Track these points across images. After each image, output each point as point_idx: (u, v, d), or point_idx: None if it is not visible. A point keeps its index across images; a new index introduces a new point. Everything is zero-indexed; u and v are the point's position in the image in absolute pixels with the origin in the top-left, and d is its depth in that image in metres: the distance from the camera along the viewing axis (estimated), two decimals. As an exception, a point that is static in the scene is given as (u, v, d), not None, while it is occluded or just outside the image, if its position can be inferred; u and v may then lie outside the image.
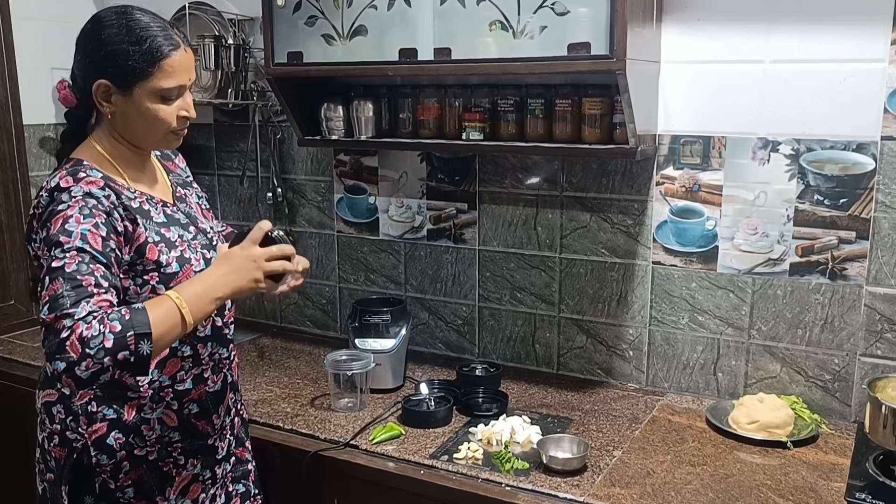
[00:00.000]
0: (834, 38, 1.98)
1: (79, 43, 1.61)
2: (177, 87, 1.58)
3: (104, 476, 1.62)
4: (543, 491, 1.75)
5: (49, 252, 1.42)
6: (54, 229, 1.44)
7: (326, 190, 2.80)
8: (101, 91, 1.56)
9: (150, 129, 1.60)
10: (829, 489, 1.74)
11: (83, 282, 1.39)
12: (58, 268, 1.39)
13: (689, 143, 2.19)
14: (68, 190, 1.48)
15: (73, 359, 1.32)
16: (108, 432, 1.61)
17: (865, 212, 2.01)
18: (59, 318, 1.35)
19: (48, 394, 1.67)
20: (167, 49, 1.55)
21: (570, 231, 2.39)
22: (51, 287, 1.38)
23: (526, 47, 1.99)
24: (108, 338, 1.34)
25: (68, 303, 1.36)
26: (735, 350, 2.22)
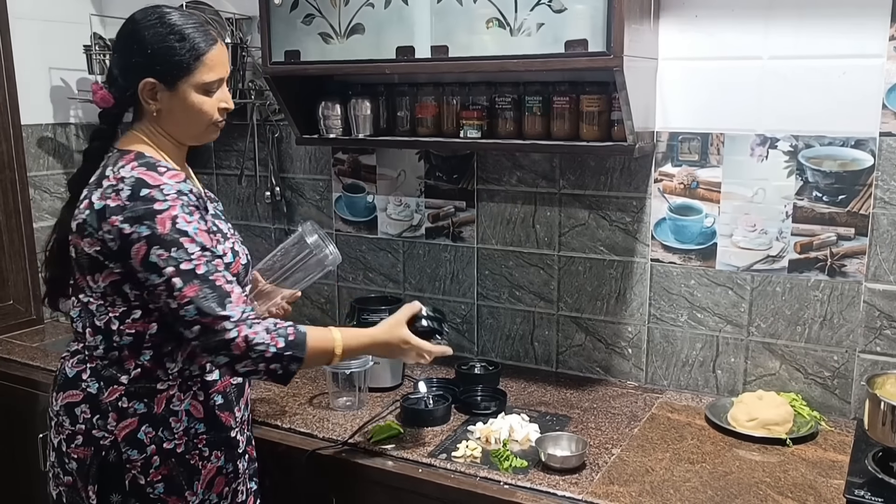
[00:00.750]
0: (832, 34, 1.98)
1: (119, 45, 1.65)
2: (217, 80, 1.66)
3: (134, 472, 1.63)
4: (542, 489, 1.74)
5: (168, 253, 1.51)
6: (163, 229, 1.52)
7: (325, 188, 2.79)
8: (148, 89, 1.62)
9: (195, 121, 1.67)
10: (828, 486, 1.74)
11: (216, 281, 1.54)
12: (190, 270, 1.52)
13: (688, 140, 2.18)
14: (159, 187, 1.55)
15: (237, 356, 1.53)
16: (138, 427, 1.63)
17: (864, 208, 2.01)
18: (215, 319, 1.51)
19: (71, 395, 1.66)
20: (207, 44, 1.62)
21: (569, 229, 2.38)
22: (188, 288, 1.51)
23: (523, 44, 1.99)
24: (270, 350, 1.55)
25: (215, 305, 1.52)
26: (734, 347, 2.22)
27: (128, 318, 1.61)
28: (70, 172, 3.04)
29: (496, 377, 2.33)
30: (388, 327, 1.79)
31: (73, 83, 3.04)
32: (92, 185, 1.62)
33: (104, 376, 1.64)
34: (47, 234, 2.93)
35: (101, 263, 1.58)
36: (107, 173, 1.59)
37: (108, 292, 1.61)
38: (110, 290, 1.60)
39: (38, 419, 2.51)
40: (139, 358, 1.63)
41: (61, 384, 1.69)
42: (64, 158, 3.05)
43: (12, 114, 2.82)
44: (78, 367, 1.67)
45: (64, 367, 1.70)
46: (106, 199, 1.55)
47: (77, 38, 2.90)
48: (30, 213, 2.91)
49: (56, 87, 3.00)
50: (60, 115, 3.03)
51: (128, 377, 1.63)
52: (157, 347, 1.63)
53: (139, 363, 1.63)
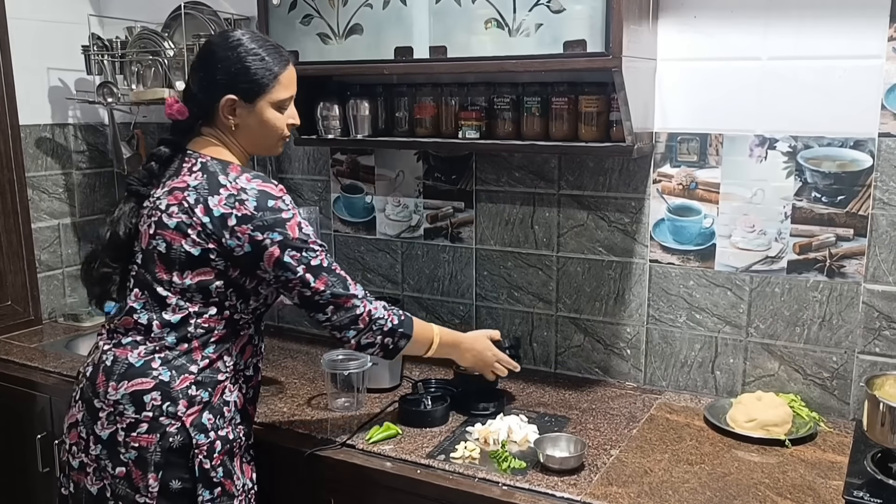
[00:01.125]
0: (831, 35, 1.98)
1: (201, 64, 1.79)
2: (289, 97, 1.82)
3: (200, 457, 1.70)
4: (540, 490, 1.74)
5: (300, 254, 1.72)
6: (295, 234, 1.72)
7: (323, 189, 2.79)
8: (228, 105, 1.76)
9: (267, 136, 1.82)
10: (827, 487, 1.74)
11: (336, 269, 1.78)
12: (318, 265, 1.74)
13: (687, 141, 2.18)
14: (282, 198, 1.73)
15: (362, 328, 1.78)
16: (201, 413, 1.72)
17: (863, 209, 2.00)
18: (347, 298, 1.76)
19: (139, 383, 1.70)
20: (282, 65, 1.79)
21: (568, 229, 2.38)
22: (320, 280, 1.74)
23: (522, 45, 1.99)
24: (388, 324, 1.82)
25: (341, 288, 1.76)
26: (733, 348, 2.22)
27: (204, 314, 1.73)
28: (69, 173, 3.06)
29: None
30: (477, 334, 2.08)
31: (71, 84, 3.04)
32: (200, 189, 1.71)
33: (175, 366, 1.72)
34: (46, 234, 2.98)
35: (204, 261, 1.70)
36: (221, 181, 1.71)
37: (190, 289, 1.72)
38: (195, 287, 1.72)
39: (36, 420, 2.51)
40: (205, 350, 1.74)
41: (123, 373, 1.71)
42: (62, 159, 3.04)
43: (10, 114, 2.81)
44: (146, 357, 1.72)
45: (125, 357, 1.72)
46: (228, 207, 1.69)
47: (75, 38, 2.90)
48: (28, 213, 2.91)
49: (54, 87, 3.00)
50: (59, 115, 3.03)
51: (197, 367, 1.73)
52: (219, 342, 1.76)
53: (205, 355, 1.74)
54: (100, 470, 1.71)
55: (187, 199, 1.70)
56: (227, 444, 1.75)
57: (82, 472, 1.74)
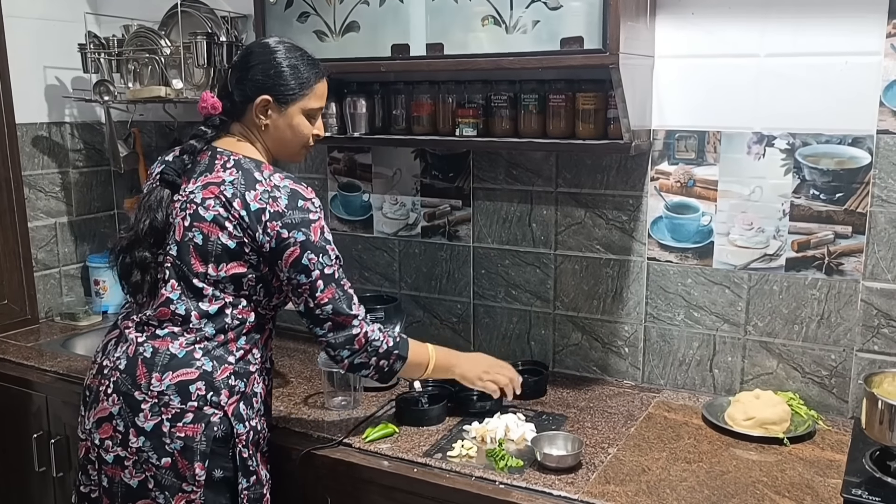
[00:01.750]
0: (829, 32, 1.97)
1: (242, 63, 1.85)
2: (319, 109, 1.90)
3: (240, 445, 1.76)
4: (537, 489, 1.73)
5: (318, 258, 1.76)
6: (316, 237, 1.76)
7: (320, 187, 2.78)
8: (262, 105, 1.82)
9: (293, 141, 1.89)
10: (825, 485, 1.73)
11: (345, 285, 1.81)
12: (330, 275, 1.78)
13: (684, 138, 2.17)
14: (311, 200, 1.79)
15: (356, 350, 1.81)
16: (239, 403, 1.77)
17: (861, 206, 2.00)
18: (347, 318, 1.79)
19: (184, 373, 1.73)
20: (318, 77, 1.87)
21: (565, 227, 2.38)
22: (328, 291, 1.78)
23: (519, 42, 1.98)
24: (383, 347, 1.84)
25: (345, 305, 1.79)
26: (731, 346, 2.21)
27: (238, 305, 1.78)
28: (65, 171, 3.05)
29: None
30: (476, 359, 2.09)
31: (67, 82, 3.03)
32: (237, 184, 1.76)
33: (215, 356, 1.76)
34: (42, 233, 2.97)
35: (240, 254, 1.75)
36: (257, 177, 1.77)
37: (224, 280, 1.76)
38: (228, 279, 1.76)
39: (33, 419, 2.50)
40: (238, 342, 1.79)
41: (166, 364, 1.73)
42: (59, 157, 3.04)
43: (7, 112, 2.80)
44: (187, 347, 1.75)
45: (166, 348, 1.75)
46: (263, 203, 1.74)
47: (72, 36, 2.89)
48: (24, 212, 2.90)
49: (51, 85, 2.99)
50: (55, 114, 3.02)
51: (234, 357, 1.78)
52: (249, 334, 1.81)
53: (239, 346, 1.79)
54: (141, 462, 1.72)
55: (224, 193, 1.75)
56: (257, 435, 1.81)
57: (118, 465, 1.74)
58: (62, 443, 2.45)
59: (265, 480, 1.84)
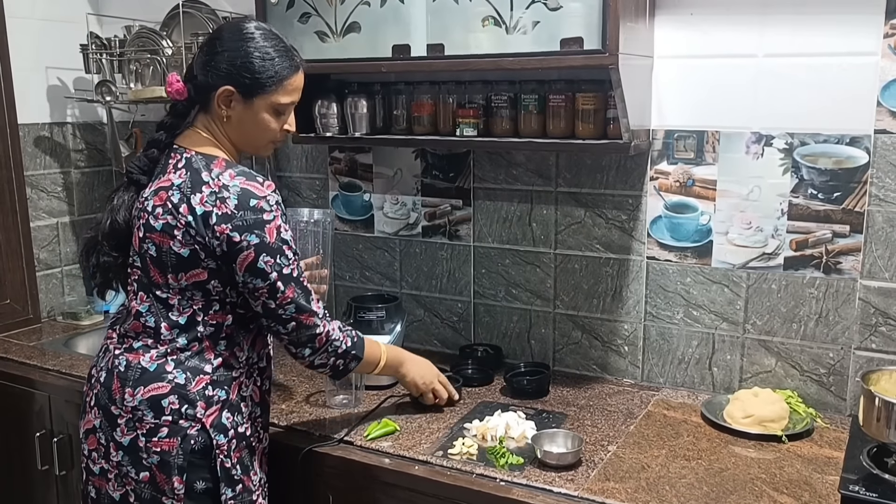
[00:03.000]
0: (827, 32, 1.98)
1: (209, 47, 1.73)
2: (290, 104, 1.76)
3: (221, 456, 1.70)
4: (538, 486, 1.74)
5: (275, 260, 1.67)
6: (272, 238, 1.66)
7: (321, 187, 2.80)
8: (224, 96, 1.70)
9: (258, 136, 1.77)
10: (823, 482, 1.75)
11: (303, 282, 1.73)
12: (289, 274, 1.69)
13: (683, 138, 2.19)
14: (265, 199, 1.67)
15: (317, 348, 1.77)
16: (220, 413, 1.71)
17: (859, 205, 2.01)
18: (309, 315, 1.73)
19: (155, 388, 1.68)
20: (291, 70, 1.73)
21: (565, 227, 2.39)
22: (288, 291, 1.70)
23: (519, 43, 1.99)
24: (342, 346, 1.81)
25: (305, 303, 1.72)
26: (730, 345, 2.22)
27: (210, 309, 1.71)
28: (67, 172, 3.06)
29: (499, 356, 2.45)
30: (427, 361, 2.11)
31: (69, 82, 3.04)
32: (183, 187, 1.66)
33: (189, 367, 1.70)
34: (44, 233, 2.98)
35: (195, 262, 1.66)
36: (204, 178, 1.66)
37: (188, 288, 1.69)
38: (192, 287, 1.69)
39: (35, 418, 2.51)
40: (217, 348, 1.72)
41: (137, 379, 1.69)
42: (61, 158, 3.05)
43: (9, 113, 2.81)
44: (158, 360, 1.70)
45: (138, 362, 1.70)
46: (210, 206, 1.63)
47: (74, 37, 2.90)
48: (27, 212, 2.91)
49: (53, 86, 3.00)
50: (57, 114, 3.03)
51: (211, 367, 1.72)
52: (230, 338, 1.74)
53: (217, 353, 1.73)
54: (122, 476, 1.70)
55: (171, 200, 1.66)
56: (244, 441, 1.76)
57: (103, 477, 1.73)
58: (65, 441, 2.46)
59: (256, 486, 1.79)
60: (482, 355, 2.49)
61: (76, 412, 2.37)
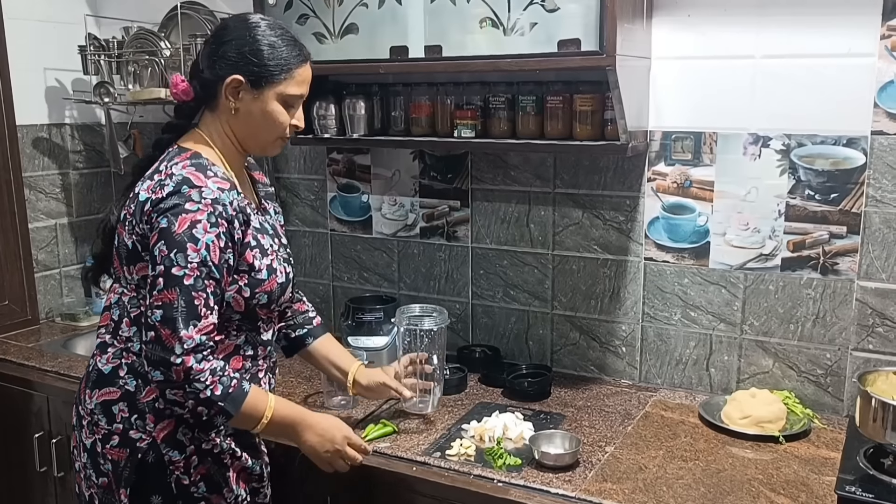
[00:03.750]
0: (824, 33, 1.99)
1: (214, 39, 1.67)
2: (299, 96, 1.69)
3: (177, 473, 1.63)
4: (535, 486, 1.75)
5: (169, 252, 1.50)
6: (179, 229, 1.51)
7: (319, 188, 2.80)
8: (233, 86, 1.63)
9: (267, 130, 1.68)
10: (820, 483, 1.75)
11: (195, 299, 1.51)
12: (178, 276, 1.50)
13: (681, 139, 2.19)
14: (199, 189, 1.55)
15: (172, 380, 1.50)
16: (175, 428, 1.62)
17: (856, 206, 2.01)
18: (171, 335, 1.49)
19: (107, 392, 1.64)
20: (299, 60, 1.67)
21: (563, 228, 2.39)
22: (166, 293, 1.50)
23: (516, 44, 2.00)
24: (206, 393, 1.52)
25: (180, 321, 1.49)
26: (727, 345, 2.23)
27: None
28: (66, 173, 3.06)
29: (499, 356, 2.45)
30: (328, 416, 1.81)
31: (68, 84, 3.05)
32: (145, 177, 1.63)
33: (141, 373, 1.61)
34: (43, 234, 2.98)
35: (138, 254, 1.59)
36: (160, 168, 1.61)
37: (140, 284, 1.61)
38: (142, 282, 1.60)
39: (34, 419, 2.51)
40: None
41: (95, 381, 1.66)
42: (59, 159, 3.05)
43: (7, 114, 2.82)
44: (113, 362, 1.65)
45: (97, 362, 1.67)
46: (152, 192, 1.57)
47: (72, 38, 2.90)
48: (25, 213, 2.91)
49: (51, 87, 3.00)
50: (55, 115, 3.03)
51: None
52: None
53: None
54: (86, 478, 1.69)
55: (135, 189, 1.62)
56: (210, 457, 1.66)
57: (80, 475, 1.73)
58: (63, 443, 2.46)
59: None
60: (480, 356, 2.49)
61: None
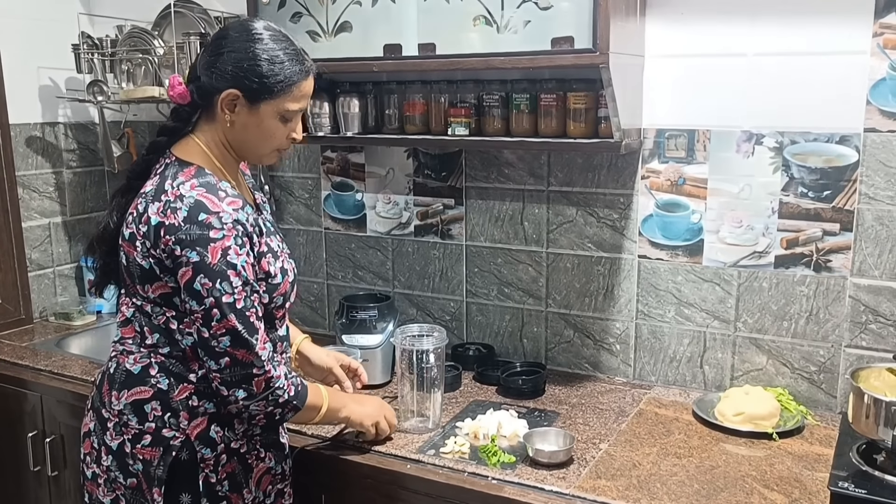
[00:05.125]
0: (816, 31, 1.99)
1: (214, 48, 1.63)
2: (298, 110, 1.67)
3: (207, 471, 1.63)
4: (529, 484, 1.75)
5: (214, 284, 1.53)
6: (214, 259, 1.52)
7: (314, 187, 2.80)
8: (229, 100, 1.61)
9: (263, 143, 1.67)
10: (813, 479, 1.75)
11: (251, 317, 1.57)
12: (230, 303, 1.54)
13: (674, 137, 2.19)
14: (218, 215, 1.54)
15: (254, 392, 1.58)
16: (208, 426, 1.64)
17: (849, 204, 2.02)
18: (248, 353, 1.55)
19: (138, 391, 1.64)
20: (301, 75, 1.63)
21: (557, 226, 2.39)
22: (226, 321, 1.54)
23: (510, 42, 2.00)
24: (283, 396, 1.61)
25: (249, 339, 1.55)
26: (721, 343, 2.23)
27: (185, 320, 1.60)
28: (59, 172, 3.05)
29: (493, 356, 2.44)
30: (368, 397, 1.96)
31: (61, 82, 3.04)
32: (149, 195, 1.59)
33: (173, 372, 1.63)
34: (36, 233, 2.98)
35: (155, 276, 1.58)
36: (166, 187, 1.57)
37: (159, 301, 1.61)
38: (161, 299, 1.61)
39: (28, 419, 2.51)
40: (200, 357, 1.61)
41: (123, 382, 1.65)
42: (52, 158, 3.04)
43: (0, 113, 2.81)
44: (142, 362, 1.65)
45: (122, 364, 1.67)
46: (163, 216, 1.54)
47: (65, 37, 2.89)
48: (18, 212, 2.90)
49: (44, 86, 2.99)
50: (49, 114, 3.02)
51: (195, 376, 1.63)
52: None
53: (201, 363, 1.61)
54: (111, 481, 1.67)
55: (139, 208, 1.60)
56: (237, 457, 1.68)
57: (94, 482, 1.71)
58: (57, 442, 2.45)
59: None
60: (474, 354, 2.49)
61: (68, 412, 2.38)
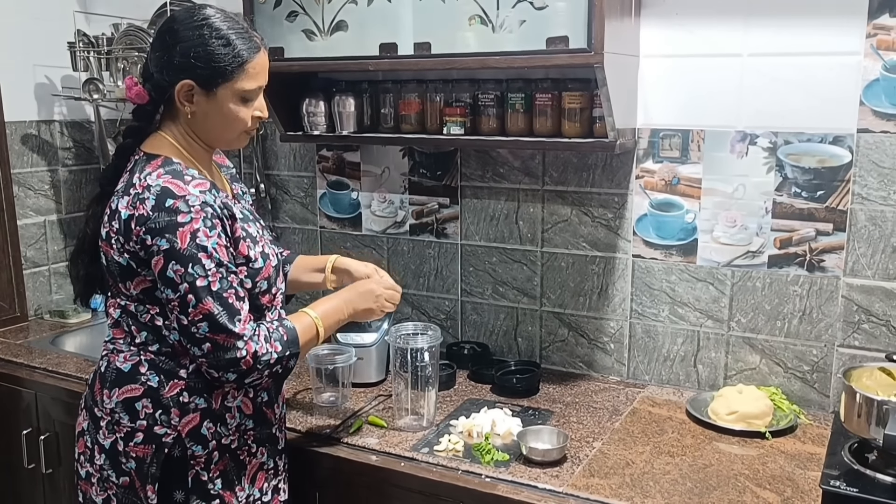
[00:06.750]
0: (811, 32, 2.00)
1: (159, 43, 1.61)
2: (257, 88, 1.64)
3: (197, 468, 1.64)
4: (523, 482, 1.75)
5: (186, 270, 1.51)
6: (183, 244, 1.51)
7: (309, 185, 2.80)
8: (185, 91, 1.59)
9: (228, 128, 1.65)
10: (805, 478, 1.76)
11: (228, 298, 1.55)
12: (204, 287, 1.52)
13: (669, 137, 2.20)
14: (184, 198, 1.53)
15: (244, 371, 1.56)
16: (200, 422, 1.63)
17: (842, 204, 2.03)
18: (228, 337, 1.54)
19: (128, 389, 1.63)
20: (251, 52, 1.61)
21: (552, 225, 2.40)
22: (202, 306, 1.52)
23: (505, 41, 2.00)
24: (273, 356, 1.59)
25: (227, 322, 1.53)
26: (715, 342, 2.24)
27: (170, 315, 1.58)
28: (55, 170, 3.05)
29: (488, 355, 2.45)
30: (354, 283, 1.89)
31: (57, 80, 3.04)
32: (119, 192, 1.59)
33: (163, 369, 1.63)
34: (32, 231, 2.98)
35: (133, 271, 1.58)
36: (133, 181, 1.57)
37: (142, 297, 1.61)
38: (143, 295, 1.61)
39: (22, 416, 2.51)
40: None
41: (114, 380, 1.65)
42: (48, 156, 3.04)
43: (-5, 111, 2.82)
44: (131, 360, 1.64)
45: (113, 363, 1.66)
46: (132, 208, 1.54)
47: (61, 35, 2.89)
48: (13, 210, 2.90)
49: (40, 84, 2.99)
50: (45, 112, 3.02)
51: (186, 371, 1.63)
52: None
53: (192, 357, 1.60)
54: (104, 480, 1.67)
55: (111, 206, 1.59)
56: (229, 453, 1.67)
57: (88, 482, 1.70)
58: (51, 439, 2.45)
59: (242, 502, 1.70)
60: (469, 353, 2.50)
61: (63, 410, 2.38)
